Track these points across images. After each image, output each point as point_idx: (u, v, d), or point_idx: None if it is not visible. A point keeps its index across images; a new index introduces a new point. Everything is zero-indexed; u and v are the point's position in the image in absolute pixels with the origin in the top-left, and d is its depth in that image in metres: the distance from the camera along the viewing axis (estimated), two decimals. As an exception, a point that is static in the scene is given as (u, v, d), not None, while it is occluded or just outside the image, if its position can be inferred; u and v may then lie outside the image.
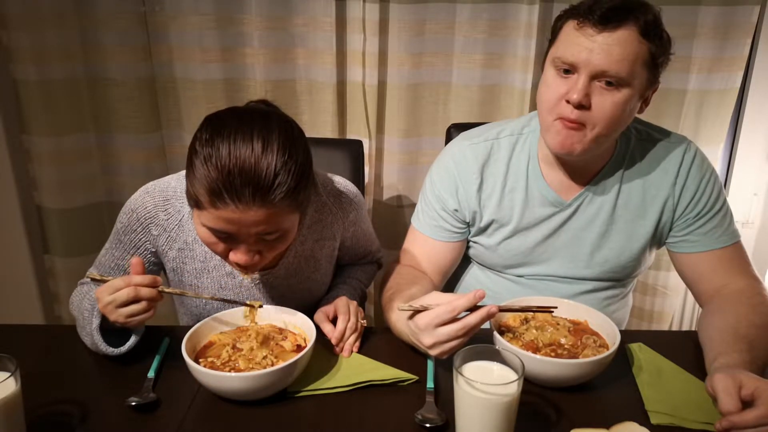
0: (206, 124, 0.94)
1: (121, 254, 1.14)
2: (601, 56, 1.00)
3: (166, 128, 1.93)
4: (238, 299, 1.02)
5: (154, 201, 1.10)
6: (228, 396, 0.93)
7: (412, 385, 0.98)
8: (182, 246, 1.13)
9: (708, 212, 1.16)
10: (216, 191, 0.88)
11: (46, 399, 0.94)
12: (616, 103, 1.03)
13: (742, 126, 1.88)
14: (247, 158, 0.88)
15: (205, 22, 1.76)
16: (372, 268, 1.37)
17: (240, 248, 0.96)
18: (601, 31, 1.00)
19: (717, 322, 1.04)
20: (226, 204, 0.89)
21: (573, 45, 1.02)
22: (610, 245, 1.20)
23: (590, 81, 1.02)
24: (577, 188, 1.19)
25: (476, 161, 1.21)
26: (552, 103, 1.06)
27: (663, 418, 0.90)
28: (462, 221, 1.25)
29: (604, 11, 0.99)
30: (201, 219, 0.95)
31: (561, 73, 1.05)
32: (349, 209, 1.21)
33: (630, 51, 1.00)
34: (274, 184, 0.89)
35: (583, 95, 1.02)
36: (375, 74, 1.81)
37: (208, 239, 0.97)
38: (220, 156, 0.88)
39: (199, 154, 0.90)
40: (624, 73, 1.01)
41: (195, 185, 0.91)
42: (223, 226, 0.92)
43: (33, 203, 1.94)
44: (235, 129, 0.90)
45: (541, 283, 1.26)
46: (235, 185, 0.87)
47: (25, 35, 1.71)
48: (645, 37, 1.01)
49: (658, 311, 2.03)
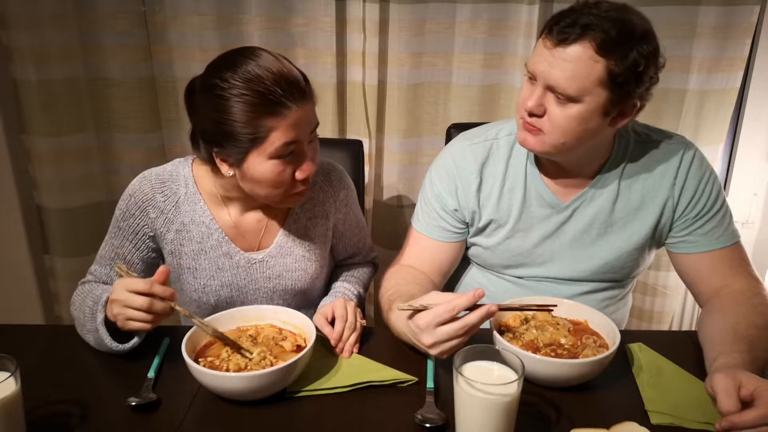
0: (209, 73, 1.01)
1: (120, 242, 1.15)
2: (554, 71, 1.01)
3: (166, 128, 1.93)
4: (235, 341, 1.00)
5: (151, 184, 1.14)
6: (228, 396, 0.93)
7: (412, 385, 0.98)
8: (179, 227, 1.15)
9: (707, 213, 1.16)
10: (275, 100, 0.96)
11: (46, 399, 0.94)
12: (566, 117, 1.03)
13: (742, 126, 1.88)
14: (273, 64, 0.98)
15: (205, 22, 1.77)
16: (368, 270, 1.38)
17: (304, 158, 1.04)
18: (556, 45, 1.00)
19: (717, 322, 1.03)
20: (288, 107, 0.97)
21: (536, 55, 1.04)
22: (608, 247, 1.20)
23: (545, 91, 1.04)
24: (575, 190, 1.19)
25: (475, 161, 1.21)
26: (519, 104, 1.09)
27: (663, 418, 0.90)
28: (461, 221, 1.25)
29: (562, 26, 0.99)
30: (268, 149, 0.99)
31: (528, 80, 1.07)
32: (339, 187, 1.24)
33: (581, 69, 0.99)
34: (303, 77, 1.01)
35: (536, 105, 1.04)
36: (375, 74, 1.81)
37: (276, 169, 1.01)
38: (253, 75, 0.96)
39: (232, 89, 0.96)
40: (571, 90, 1.00)
41: (250, 117, 0.96)
42: (293, 133, 0.99)
43: (33, 203, 1.95)
44: (238, 56, 0.99)
45: (540, 284, 1.26)
46: (283, 87, 0.97)
47: (25, 35, 1.71)
48: (602, 54, 0.98)
49: (658, 311, 2.03)
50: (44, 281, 2.05)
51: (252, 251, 1.18)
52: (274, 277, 1.20)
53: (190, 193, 1.15)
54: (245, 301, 1.21)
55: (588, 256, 1.21)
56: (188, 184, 1.15)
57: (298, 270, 1.21)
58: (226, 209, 1.17)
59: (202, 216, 1.15)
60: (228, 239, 1.17)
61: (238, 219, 1.18)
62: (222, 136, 1.00)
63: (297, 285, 1.21)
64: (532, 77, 1.06)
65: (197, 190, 1.15)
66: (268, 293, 1.21)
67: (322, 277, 1.28)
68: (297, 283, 1.21)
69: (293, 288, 1.21)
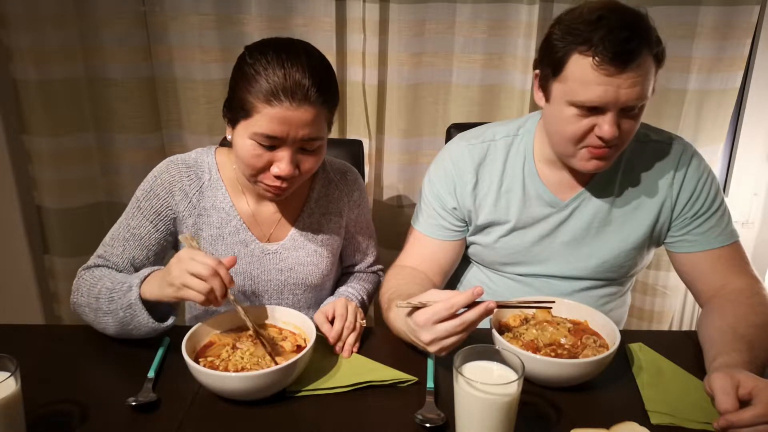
0: (251, 46, 1.06)
1: (139, 222, 1.16)
2: (629, 91, 1.00)
3: (166, 128, 1.93)
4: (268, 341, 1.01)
5: (178, 168, 1.18)
6: (228, 396, 0.93)
7: (412, 385, 0.98)
8: (201, 212, 1.18)
9: (706, 212, 1.17)
10: (273, 90, 0.99)
11: (46, 399, 0.94)
12: (639, 120, 1.07)
13: (742, 126, 1.88)
14: (298, 62, 1.00)
15: (205, 22, 1.76)
16: (373, 279, 1.38)
17: (283, 157, 1.03)
18: (623, 69, 0.98)
19: (716, 321, 1.04)
20: (281, 101, 0.99)
21: (595, 87, 1.00)
22: (607, 245, 1.21)
23: (617, 114, 1.03)
24: (574, 189, 1.19)
25: (472, 161, 1.22)
26: (577, 137, 1.06)
27: (663, 418, 0.90)
28: (461, 219, 1.25)
29: (621, 45, 0.97)
30: (251, 128, 1.02)
31: (584, 111, 1.04)
32: (354, 187, 1.28)
33: (649, 76, 1.02)
34: (320, 87, 1.01)
35: (615, 130, 1.03)
36: (375, 74, 1.81)
37: (252, 151, 1.03)
38: (274, 60, 1.00)
39: (253, 64, 1.01)
40: (647, 96, 1.03)
41: (250, 90, 1.00)
42: (275, 128, 1.00)
43: (33, 203, 1.94)
44: (282, 44, 1.04)
45: (539, 281, 1.26)
46: (290, 84, 0.99)
47: (25, 35, 1.71)
48: (653, 52, 1.02)
49: (658, 311, 2.03)
50: (44, 281, 2.04)
51: (266, 242, 1.20)
52: (286, 270, 1.21)
53: (213, 180, 1.18)
54: (256, 291, 1.21)
55: (587, 255, 1.22)
56: (212, 170, 1.19)
57: (309, 264, 1.22)
58: (244, 197, 1.19)
59: (222, 202, 1.18)
60: (245, 227, 1.19)
61: (256, 208, 1.20)
62: (230, 96, 1.08)
63: (308, 279, 1.22)
64: (590, 109, 1.02)
65: (219, 177, 1.19)
66: (279, 286, 1.22)
67: (331, 276, 1.29)
68: (308, 277, 1.22)
69: (304, 282, 1.22)
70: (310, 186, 1.24)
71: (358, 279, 1.34)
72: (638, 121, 1.07)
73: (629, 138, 1.08)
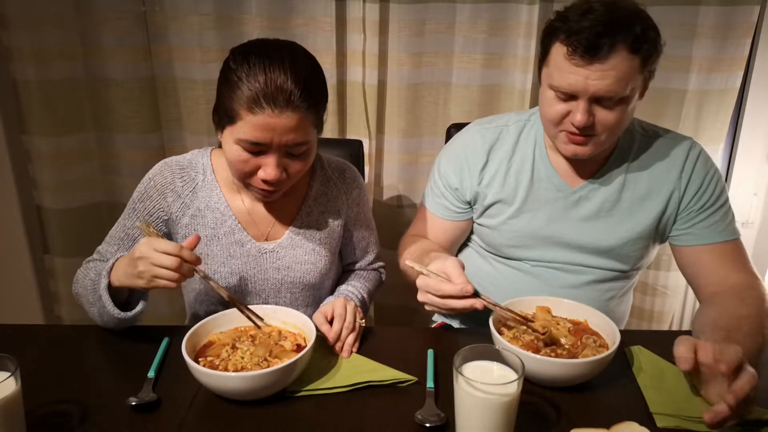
0: (236, 49, 1.06)
1: (132, 223, 1.18)
2: (597, 83, 1.03)
3: (166, 128, 1.93)
4: (249, 308, 1.06)
5: (171, 170, 1.19)
6: (228, 396, 0.93)
7: (412, 385, 0.98)
8: (195, 213, 1.18)
9: (711, 206, 1.19)
10: (254, 97, 0.98)
11: (46, 399, 0.94)
12: (618, 115, 1.07)
13: (742, 126, 1.88)
14: (280, 67, 0.99)
15: (205, 22, 1.76)
16: (375, 277, 1.38)
17: (269, 162, 1.04)
18: (591, 61, 1.01)
19: (703, 316, 1.07)
20: (263, 108, 0.98)
21: (567, 75, 1.05)
22: (614, 234, 1.22)
23: (590, 103, 1.06)
24: (582, 178, 1.22)
25: (484, 144, 1.26)
26: (556, 120, 1.11)
27: (669, 420, 0.90)
28: (463, 201, 1.29)
29: (591, 40, 1.00)
30: (235, 134, 1.02)
31: (560, 96, 1.08)
32: (353, 185, 1.28)
33: (624, 71, 1.03)
34: (303, 91, 1.00)
35: (587, 118, 1.06)
36: (375, 74, 1.81)
37: (239, 156, 1.04)
38: (256, 66, 0.99)
39: (236, 69, 1.01)
40: (621, 91, 1.04)
41: (232, 97, 1.01)
42: (258, 134, 1.00)
43: (33, 203, 1.95)
44: (265, 47, 1.03)
45: (546, 271, 1.27)
46: (271, 90, 0.98)
47: (25, 35, 1.72)
48: (635, 52, 1.02)
49: (658, 311, 2.03)
50: (44, 281, 2.05)
51: (263, 241, 1.20)
52: (283, 269, 1.21)
53: (208, 180, 1.19)
54: (253, 291, 1.21)
55: (594, 241, 1.23)
56: (206, 171, 1.19)
57: (307, 263, 1.22)
58: (240, 196, 1.20)
59: (217, 202, 1.18)
60: (240, 227, 1.19)
61: (252, 206, 1.20)
62: (216, 101, 1.08)
63: (305, 278, 1.22)
64: (564, 94, 1.07)
65: (214, 178, 1.19)
66: (276, 285, 1.22)
67: (330, 275, 1.29)
68: (306, 276, 1.22)
69: (301, 281, 1.22)
70: (309, 184, 1.24)
71: (358, 277, 1.34)
72: (620, 115, 1.07)
73: (610, 130, 1.09)
